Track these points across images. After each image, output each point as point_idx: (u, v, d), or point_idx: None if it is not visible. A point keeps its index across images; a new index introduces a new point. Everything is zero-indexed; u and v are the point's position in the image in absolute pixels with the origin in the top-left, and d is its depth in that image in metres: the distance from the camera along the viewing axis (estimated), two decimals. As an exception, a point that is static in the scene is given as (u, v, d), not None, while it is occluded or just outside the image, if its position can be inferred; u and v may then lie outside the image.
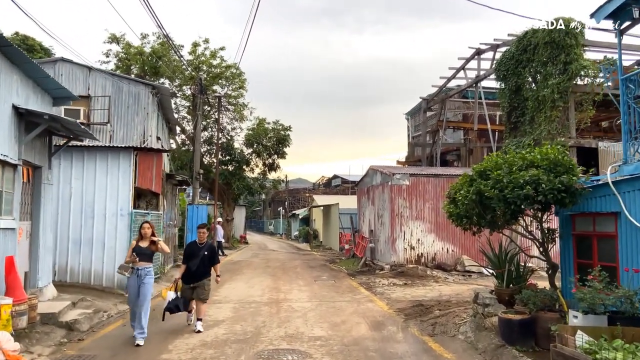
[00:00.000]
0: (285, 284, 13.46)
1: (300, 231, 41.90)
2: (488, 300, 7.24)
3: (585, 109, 17.86)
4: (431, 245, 15.47)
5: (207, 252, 7.76)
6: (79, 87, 13.66)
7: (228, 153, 29.83)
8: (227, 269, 17.81)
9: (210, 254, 7.83)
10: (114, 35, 24.97)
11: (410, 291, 11.71)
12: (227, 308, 9.75)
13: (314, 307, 9.81)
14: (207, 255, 7.73)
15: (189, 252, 7.85)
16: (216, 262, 7.99)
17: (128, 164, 11.03)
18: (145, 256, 7.07)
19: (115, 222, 10.90)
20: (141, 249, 7.05)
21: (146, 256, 7.09)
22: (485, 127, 24.40)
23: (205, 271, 7.73)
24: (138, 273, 6.97)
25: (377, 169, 17.86)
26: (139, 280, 6.97)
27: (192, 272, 7.63)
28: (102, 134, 13.56)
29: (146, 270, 7.06)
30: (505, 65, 20.90)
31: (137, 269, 6.98)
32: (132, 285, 7.01)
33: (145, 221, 7.46)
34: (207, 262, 7.75)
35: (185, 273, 7.69)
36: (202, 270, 7.70)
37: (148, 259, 7.13)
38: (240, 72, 27.69)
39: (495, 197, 6.59)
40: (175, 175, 15.38)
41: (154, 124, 14.29)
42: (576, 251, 7.23)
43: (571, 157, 6.84)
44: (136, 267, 6.98)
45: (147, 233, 7.15)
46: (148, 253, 7.12)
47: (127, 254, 7.25)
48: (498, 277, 7.55)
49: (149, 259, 7.15)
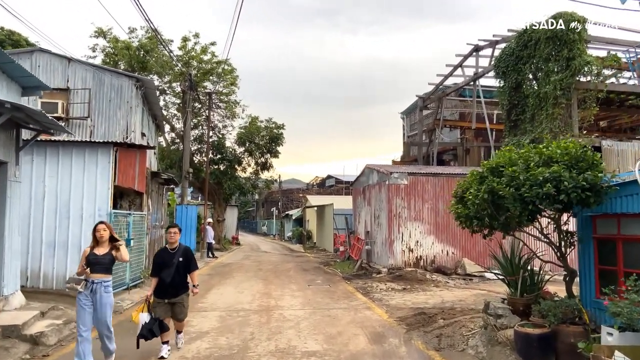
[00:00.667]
0: (277, 289, 12.70)
1: (294, 232, 41.13)
2: (501, 310, 6.53)
3: (589, 106, 17.25)
4: (430, 248, 14.77)
5: (181, 258, 6.37)
6: (58, 79, 12.82)
7: (219, 152, 29.01)
8: (217, 272, 17.02)
9: (186, 260, 6.43)
10: (101, 29, 24.09)
11: (410, 297, 10.99)
12: (213, 317, 8.97)
13: (308, 316, 9.05)
14: (182, 262, 6.37)
15: (160, 262, 6.36)
16: (193, 268, 6.52)
17: (107, 161, 10.22)
18: (100, 266, 5.53)
19: (92, 223, 9.92)
20: (96, 257, 5.54)
21: (102, 266, 5.54)
22: (483, 126, 23.79)
23: (182, 282, 6.42)
24: (92, 288, 5.47)
25: (373, 168, 17.14)
26: (92, 298, 5.46)
27: (166, 285, 6.24)
28: (82, 129, 12.73)
29: (103, 284, 5.53)
30: (505, 62, 20.29)
31: (92, 282, 5.47)
32: (83, 304, 5.44)
33: (100, 222, 5.86)
34: (183, 271, 6.42)
35: (158, 287, 6.29)
36: (179, 281, 6.36)
37: (104, 269, 5.57)
38: (232, 68, 26.92)
39: (510, 196, 5.89)
40: (161, 174, 14.55)
41: (138, 119, 13.47)
42: (597, 256, 6.53)
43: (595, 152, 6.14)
44: (89, 280, 5.47)
45: (103, 236, 5.60)
46: (105, 262, 5.57)
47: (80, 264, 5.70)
48: (511, 284, 6.85)
49: (105, 269, 5.59)
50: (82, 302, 5.46)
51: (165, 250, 6.51)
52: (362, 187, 18.74)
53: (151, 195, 14.42)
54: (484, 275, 14.14)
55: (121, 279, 11.22)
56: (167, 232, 6.60)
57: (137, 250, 12.05)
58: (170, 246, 6.44)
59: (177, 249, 6.43)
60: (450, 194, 15.32)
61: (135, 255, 12.02)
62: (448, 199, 15.48)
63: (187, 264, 6.44)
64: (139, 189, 11.97)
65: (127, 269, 11.39)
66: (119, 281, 11.10)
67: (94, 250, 5.62)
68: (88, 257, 5.56)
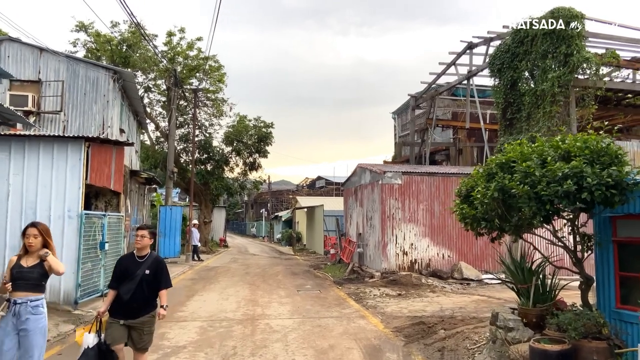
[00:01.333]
0: (264, 295, 11.94)
1: (283, 234, 40.31)
2: (512, 323, 5.84)
3: (587, 104, 16.75)
4: (425, 251, 14.10)
5: (148, 270, 4.86)
6: (28, 70, 11.95)
7: (206, 151, 28.11)
8: (201, 276, 16.19)
9: (155, 273, 4.90)
10: (82, 23, 23.13)
11: (406, 304, 10.29)
12: (193, 328, 8.18)
13: (297, 326, 8.30)
14: (149, 275, 4.85)
15: (121, 271, 4.92)
16: (163, 285, 4.96)
17: (78, 157, 9.37)
18: (26, 282, 4.29)
19: (62, 225, 9.22)
20: (21, 270, 4.32)
21: (28, 282, 4.30)
22: (476, 125, 23.25)
23: (146, 301, 4.87)
24: (14, 310, 4.22)
25: (366, 167, 16.44)
26: (17, 323, 4.21)
27: (124, 302, 4.76)
28: (55, 124, 11.85)
29: (30, 304, 4.27)
30: (500, 59, 19.74)
31: (14, 302, 4.24)
32: (4, 330, 4.20)
33: (31, 224, 4.51)
34: (150, 287, 4.87)
35: (114, 303, 4.85)
36: (142, 299, 4.81)
37: (32, 286, 4.32)
38: (219, 65, 26.08)
39: (525, 194, 5.21)
40: (141, 173, 13.69)
41: (116, 113, 12.62)
42: (617, 261, 5.89)
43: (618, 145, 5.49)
44: (11, 300, 4.25)
45: (33, 245, 4.37)
46: (33, 277, 4.33)
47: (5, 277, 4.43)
48: (522, 293, 6.16)
49: (33, 286, 4.33)
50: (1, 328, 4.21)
51: (130, 257, 5.03)
52: (353, 188, 18.04)
53: (130, 195, 13.57)
54: (482, 279, 13.51)
55: (95, 284, 10.39)
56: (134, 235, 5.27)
57: (113, 254, 11.20)
58: (137, 253, 4.97)
59: (146, 257, 4.95)
60: (446, 194, 14.82)
61: (111, 260, 11.18)
62: (444, 200, 14.91)
63: (156, 279, 4.90)
64: (115, 188, 11.14)
65: (101, 274, 10.56)
66: (93, 287, 10.28)
67: (21, 260, 4.38)
68: (12, 270, 4.33)
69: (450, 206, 6.92)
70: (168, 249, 21.17)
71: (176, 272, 16.73)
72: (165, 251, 21.12)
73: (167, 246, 21.19)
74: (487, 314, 8.81)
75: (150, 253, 5.04)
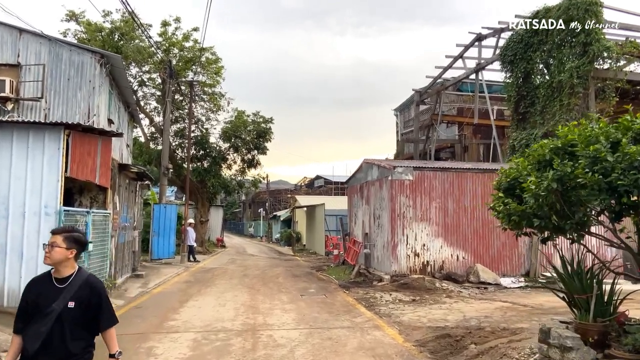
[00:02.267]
0: (265, 300, 10.90)
1: (282, 234, 39.26)
2: (570, 341, 4.82)
3: (608, 96, 15.79)
4: (439, 252, 13.08)
5: (73, 302, 2.93)
6: (6, 53, 10.89)
7: (202, 147, 27.04)
8: (197, 278, 15.13)
9: (87, 304, 2.98)
10: (72, 12, 21.97)
11: (424, 312, 9.27)
12: (185, 341, 7.13)
13: (304, 339, 7.27)
14: (74, 309, 2.93)
15: (30, 302, 2.96)
16: (105, 323, 3.07)
17: (57, 147, 8.31)
18: None
19: (37, 223, 8.17)
20: None
21: None
22: (484, 121, 22.25)
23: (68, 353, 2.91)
24: None
25: (373, 163, 15.41)
26: None
27: (30, 356, 2.87)
28: (35, 111, 10.79)
29: None
30: (513, 50, 18.77)
31: None
32: None
33: None
34: (77, 329, 2.96)
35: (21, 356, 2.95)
36: (61, 349, 2.90)
37: None
38: (216, 57, 24.99)
39: (595, 184, 4.20)
40: (130, 167, 12.63)
41: (103, 102, 11.57)
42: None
43: None
44: None
45: None
46: None
47: None
48: (582, 305, 5.14)
49: None
50: None
51: (45, 279, 3.03)
52: (359, 185, 17.00)
53: (119, 192, 12.51)
54: (500, 283, 12.51)
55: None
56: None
57: (98, 256, 10.16)
58: (55, 273, 3.01)
59: (71, 280, 2.99)
60: (460, 191, 13.76)
61: (97, 262, 10.14)
62: (458, 197, 13.87)
63: (90, 314, 3.00)
64: (101, 183, 10.08)
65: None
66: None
67: None
68: None
69: (487, 202, 5.89)
70: (162, 250, 20.12)
71: (170, 274, 15.68)
72: (159, 252, 20.06)
73: (161, 246, 20.13)
74: (519, 325, 7.82)
75: (77, 272, 3.03)
